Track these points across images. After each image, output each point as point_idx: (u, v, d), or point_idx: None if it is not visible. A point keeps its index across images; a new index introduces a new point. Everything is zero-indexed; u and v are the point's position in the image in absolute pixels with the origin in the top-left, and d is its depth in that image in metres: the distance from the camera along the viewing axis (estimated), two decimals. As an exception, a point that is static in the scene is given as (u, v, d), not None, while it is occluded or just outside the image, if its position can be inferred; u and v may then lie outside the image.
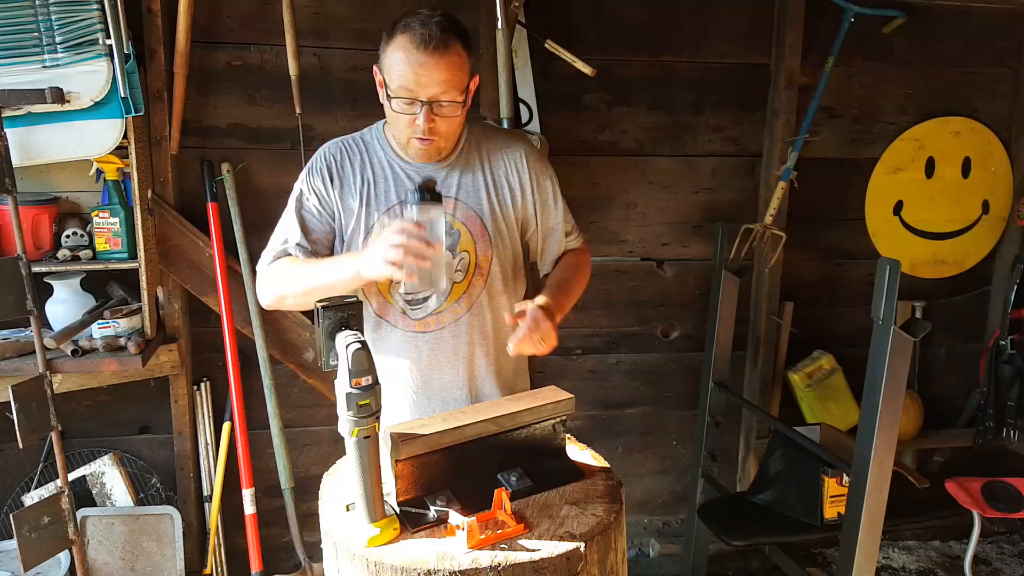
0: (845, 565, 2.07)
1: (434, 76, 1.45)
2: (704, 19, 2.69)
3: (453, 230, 1.61)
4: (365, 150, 1.64)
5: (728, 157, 2.82)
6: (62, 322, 2.26)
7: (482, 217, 1.63)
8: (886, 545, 3.17)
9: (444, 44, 1.44)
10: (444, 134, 1.54)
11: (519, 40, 2.48)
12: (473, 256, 1.63)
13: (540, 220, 1.71)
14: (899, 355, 1.91)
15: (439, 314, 1.64)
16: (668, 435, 3.03)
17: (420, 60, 1.44)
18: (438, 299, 1.63)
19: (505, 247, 1.66)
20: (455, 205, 1.61)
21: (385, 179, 1.62)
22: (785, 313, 2.89)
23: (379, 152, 1.64)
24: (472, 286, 1.64)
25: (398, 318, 1.65)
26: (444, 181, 1.61)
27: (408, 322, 1.64)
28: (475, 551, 1.18)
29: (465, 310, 1.65)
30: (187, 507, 2.57)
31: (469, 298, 1.64)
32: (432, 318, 1.64)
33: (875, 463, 1.97)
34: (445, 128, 1.52)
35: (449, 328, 1.65)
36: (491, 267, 1.64)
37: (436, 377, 1.67)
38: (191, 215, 2.42)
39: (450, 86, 1.47)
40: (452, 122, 1.53)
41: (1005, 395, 2.90)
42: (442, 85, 1.46)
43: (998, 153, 2.96)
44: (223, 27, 2.41)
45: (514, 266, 1.71)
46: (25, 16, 2.03)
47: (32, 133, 2.10)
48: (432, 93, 1.46)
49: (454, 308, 1.64)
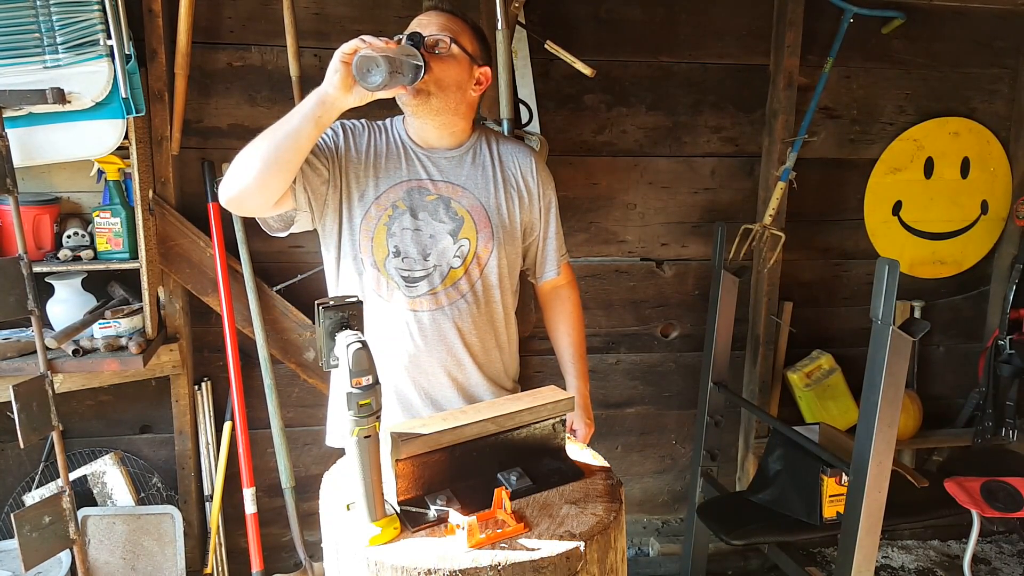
0: (844, 564, 2.07)
1: (433, 19, 1.57)
2: (703, 20, 2.70)
3: (457, 216, 1.64)
4: (382, 130, 1.70)
5: (727, 157, 2.83)
6: (63, 322, 2.26)
7: (487, 209, 1.66)
8: (885, 544, 3.18)
9: (450, 10, 1.60)
10: (437, 80, 1.55)
11: (519, 41, 2.48)
12: (473, 245, 1.65)
13: (543, 227, 1.78)
14: (898, 355, 1.91)
15: (434, 295, 1.65)
16: (667, 435, 3.03)
17: (425, 13, 1.59)
18: (431, 282, 1.63)
19: (505, 243, 1.69)
20: (462, 193, 1.65)
21: (398, 157, 1.66)
22: (784, 313, 2.90)
23: (394, 133, 1.69)
24: (468, 274, 1.66)
25: (393, 293, 1.64)
26: (455, 169, 1.67)
27: (402, 299, 1.64)
28: (475, 550, 1.19)
29: (459, 296, 1.66)
30: (188, 506, 2.57)
31: (464, 285, 1.66)
32: (426, 298, 1.64)
33: (874, 462, 1.97)
34: (438, 72, 1.55)
35: (442, 311, 1.66)
36: (489, 259, 1.67)
37: (424, 359, 1.67)
38: (192, 215, 2.43)
39: (446, 30, 1.56)
40: (446, 68, 1.56)
41: (1004, 395, 2.91)
42: (438, 27, 1.56)
43: (997, 153, 2.96)
44: (224, 27, 2.42)
45: (511, 264, 1.73)
46: (26, 17, 2.03)
47: (33, 133, 2.10)
48: (429, 31, 1.55)
49: (448, 292, 1.65)
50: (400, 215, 1.62)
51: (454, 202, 1.64)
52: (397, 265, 1.63)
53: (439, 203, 1.64)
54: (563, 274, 1.87)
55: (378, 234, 1.63)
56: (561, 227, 1.84)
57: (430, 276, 1.64)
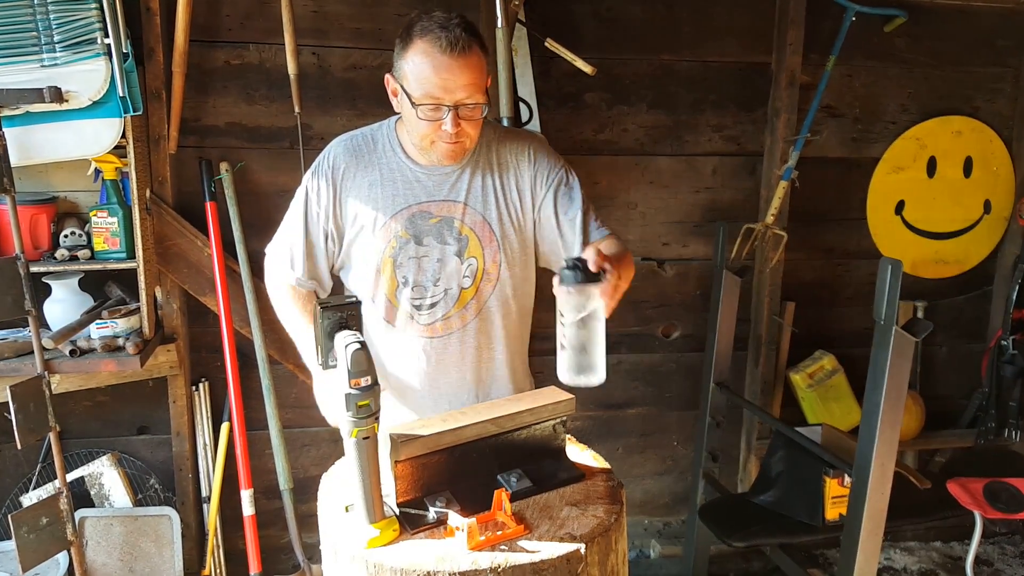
0: (846, 566, 2.07)
1: (460, 80, 1.42)
2: (705, 18, 2.69)
3: (462, 236, 1.60)
4: (373, 149, 1.62)
5: (729, 156, 2.82)
6: (60, 322, 2.25)
7: (490, 222, 1.61)
8: (887, 546, 3.17)
9: (468, 46, 1.42)
10: (471, 136, 1.52)
11: (519, 39, 2.47)
12: (481, 262, 1.61)
13: (559, 212, 1.62)
14: (901, 355, 1.90)
15: (447, 319, 1.63)
16: (669, 436, 3.02)
17: (446, 64, 1.41)
18: (446, 305, 1.62)
19: (514, 252, 1.64)
20: (464, 210, 1.60)
21: (393, 182, 1.60)
22: (786, 313, 2.88)
23: (388, 153, 1.61)
24: (480, 292, 1.63)
25: (405, 322, 1.64)
26: (454, 185, 1.60)
27: (415, 326, 1.63)
28: (475, 552, 1.18)
29: (473, 315, 1.64)
30: (186, 508, 2.56)
31: (477, 304, 1.64)
32: (440, 323, 1.63)
33: (876, 464, 1.96)
34: (471, 130, 1.50)
35: (457, 333, 1.64)
36: (500, 273, 1.63)
37: (443, 381, 1.67)
38: (190, 215, 2.42)
39: (475, 89, 1.45)
40: (477, 124, 1.51)
41: (1007, 395, 2.90)
42: (467, 89, 1.44)
43: (1000, 152, 2.95)
44: (222, 26, 2.41)
45: (524, 272, 1.68)
46: (23, 15, 2.02)
47: (30, 132, 2.09)
48: (458, 97, 1.44)
49: (462, 314, 1.63)
50: (404, 244, 1.59)
51: (457, 221, 1.60)
52: (408, 295, 1.61)
53: (442, 225, 1.60)
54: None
55: (385, 267, 1.61)
56: (590, 203, 1.65)
57: (442, 301, 1.62)
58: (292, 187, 1.67)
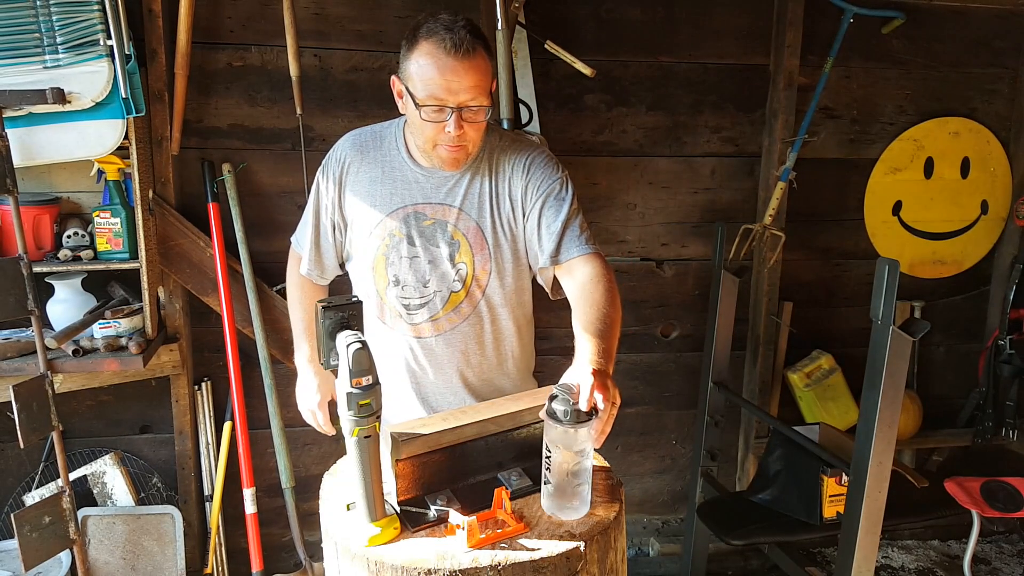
0: (844, 564, 2.07)
1: (464, 82, 1.43)
2: (703, 20, 2.69)
3: (454, 240, 1.60)
4: (379, 146, 1.64)
5: (727, 157, 2.83)
6: (63, 322, 2.26)
7: (483, 229, 1.61)
8: (885, 544, 3.18)
9: (473, 49, 1.42)
10: (473, 140, 1.52)
11: (519, 41, 2.48)
12: (471, 268, 1.61)
13: (542, 223, 1.57)
14: (898, 355, 1.91)
15: (435, 321, 1.64)
16: (667, 435, 3.03)
17: (450, 66, 1.42)
18: (435, 307, 1.63)
19: (505, 260, 1.63)
20: (458, 215, 1.60)
21: (393, 181, 1.61)
22: (784, 313, 2.89)
23: (392, 151, 1.63)
24: (470, 296, 1.63)
25: (395, 320, 1.65)
26: (451, 189, 1.59)
27: (404, 326, 1.65)
28: (475, 550, 1.19)
29: (461, 320, 1.64)
30: (188, 507, 2.57)
31: (466, 309, 1.64)
32: (428, 324, 1.64)
33: (874, 462, 1.97)
34: (474, 134, 1.51)
35: (444, 336, 1.65)
36: (489, 280, 1.63)
37: (428, 382, 1.68)
38: (192, 215, 2.43)
39: (479, 91, 1.45)
40: (480, 127, 1.51)
41: (1004, 395, 2.91)
42: (471, 91, 1.44)
43: (997, 153, 2.96)
44: (224, 28, 2.41)
45: (516, 280, 1.67)
46: (26, 17, 2.03)
47: (33, 133, 2.10)
48: (461, 99, 1.44)
49: (450, 317, 1.64)
50: (398, 243, 1.60)
51: (450, 225, 1.60)
52: (397, 294, 1.62)
53: (436, 227, 1.60)
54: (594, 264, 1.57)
55: (378, 264, 1.63)
56: (580, 217, 1.58)
57: (430, 303, 1.62)
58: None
